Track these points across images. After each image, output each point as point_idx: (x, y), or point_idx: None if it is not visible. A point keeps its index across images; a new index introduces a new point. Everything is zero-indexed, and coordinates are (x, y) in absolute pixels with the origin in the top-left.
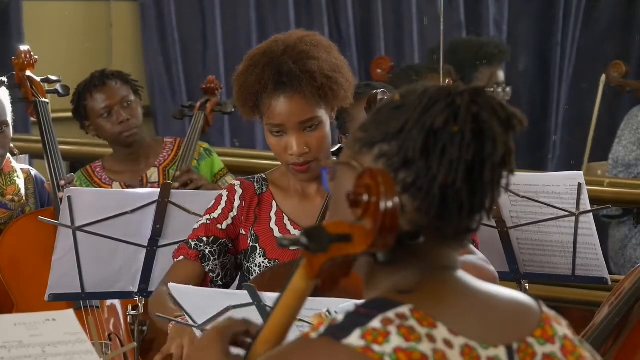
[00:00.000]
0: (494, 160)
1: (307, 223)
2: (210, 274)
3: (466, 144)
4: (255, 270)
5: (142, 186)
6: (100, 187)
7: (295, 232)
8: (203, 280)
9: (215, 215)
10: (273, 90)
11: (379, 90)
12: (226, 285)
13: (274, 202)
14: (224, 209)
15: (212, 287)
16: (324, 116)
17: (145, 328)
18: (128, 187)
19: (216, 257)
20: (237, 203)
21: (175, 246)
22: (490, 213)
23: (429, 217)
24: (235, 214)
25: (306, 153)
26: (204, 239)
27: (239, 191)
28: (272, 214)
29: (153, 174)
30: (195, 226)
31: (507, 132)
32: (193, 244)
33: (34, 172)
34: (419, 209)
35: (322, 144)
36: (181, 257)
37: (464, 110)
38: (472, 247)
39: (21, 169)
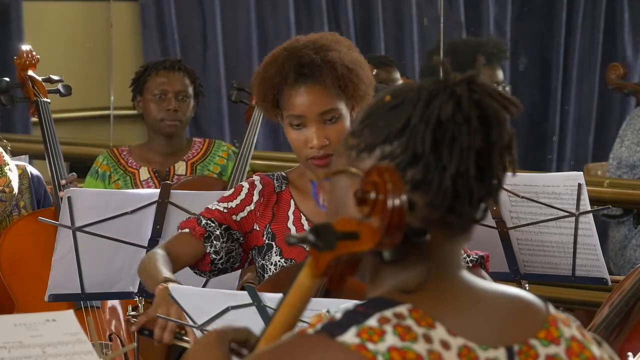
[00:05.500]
0: (502, 144)
1: None
2: (213, 255)
3: (474, 131)
4: (271, 269)
5: (168, 176)
6: (126, 169)
7: None
8: (200, 260)
9: (233, 205)
10: (294, 81)
11: None
12: (223, 271)
13: (292, 202)
14: (242, 201)
15: (210, 268)
16: (344, 110)
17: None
18: (155, 173)
19: (224, 240)
20: (255, 198)
21: None
22: (497, 197)
23: (440, 212)
24: (252, 208)
25: (326, 146)
26: (216, 222)
27: (259, 186)
28: (290, 214)
29: (181, 166)
30: (210, 207)
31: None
32: (204, 222)
33: (29, 168)
34: (430, 204)
35: (342, 137)
36: (187, 230)
37: (466, 98)
38: (483, 272)
39: (17, 165)
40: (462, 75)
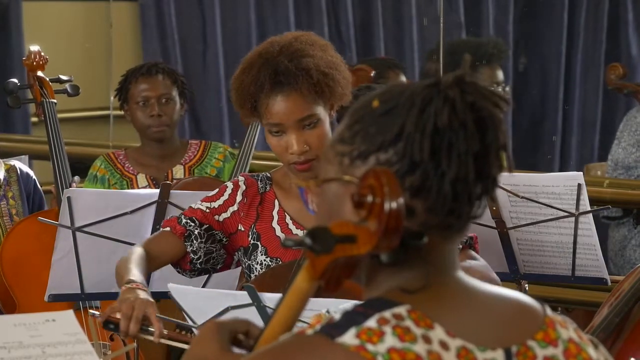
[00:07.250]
0: (498, 145)
1: (309, 223)
2: (192, 254)
3: (470, 135)
4: (256, 268)
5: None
6: (123, 174)
7: (297, 232)
8: (180, 259)
9: (215, 205)
10: (270, 89)
11: None
12: (204, 271)
13: (276, 202)
14: (225, 202)
15: (190, 267)
16: (322, 113)
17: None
18: (153, 180)
19: (203, 240)
20: (239, 198)
21: None
22: (494, 194)
23: (440, 216)
24: (236, 209)
25: (307, 151)
26: (197, 221)
27: (243, 187)
28: (274, 213)
29: (178, 171)
30: (193, 206)
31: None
32: (184, 221)
33: (18, 164)
34: (430, 210)
35: (322, 141)
36: (168, 228)
37: (460, 102)
38: (473, 253)
39: (5, 163)
40: (452, 76)
